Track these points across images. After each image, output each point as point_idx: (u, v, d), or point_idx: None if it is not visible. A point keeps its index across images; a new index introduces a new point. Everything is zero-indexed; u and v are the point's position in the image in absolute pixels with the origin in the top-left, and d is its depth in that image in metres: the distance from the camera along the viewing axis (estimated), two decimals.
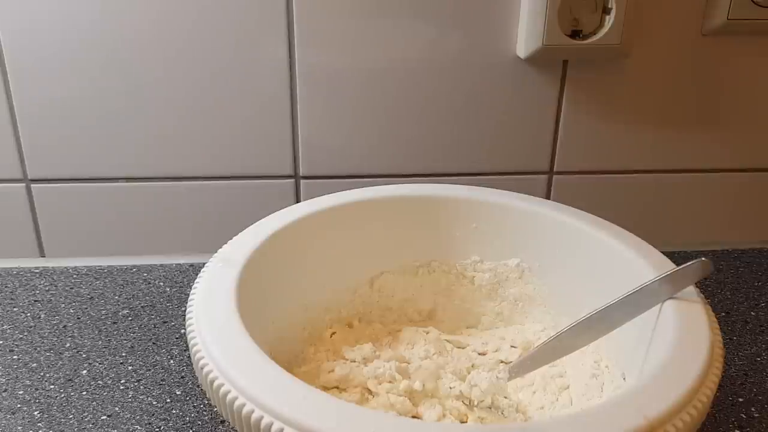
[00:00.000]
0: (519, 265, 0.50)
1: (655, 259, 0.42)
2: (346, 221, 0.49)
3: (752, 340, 0.54)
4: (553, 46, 0.56)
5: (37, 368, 0.49)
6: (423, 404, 0.42)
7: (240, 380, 0.32)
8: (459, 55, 0.58)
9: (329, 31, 0.57)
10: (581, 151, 0.63)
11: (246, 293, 0.39)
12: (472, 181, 0.63)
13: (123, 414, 0.45)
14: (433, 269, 0.51)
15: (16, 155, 0.60)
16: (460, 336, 0.50)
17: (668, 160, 0.64)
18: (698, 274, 0.39)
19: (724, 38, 0.59)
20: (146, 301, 0.57)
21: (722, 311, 0.57)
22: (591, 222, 0.46)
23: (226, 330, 0.35)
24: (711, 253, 0.66)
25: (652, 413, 0.30)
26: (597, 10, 0.56)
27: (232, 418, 0.32)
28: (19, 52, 0.56)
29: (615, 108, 0.61)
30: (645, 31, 0.58)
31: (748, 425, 0.45)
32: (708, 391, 0.32)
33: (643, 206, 0.66)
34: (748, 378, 0.49)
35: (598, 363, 0.44)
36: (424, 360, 0.45)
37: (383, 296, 0.51)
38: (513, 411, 0.43)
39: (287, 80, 0.59)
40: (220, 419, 0.45)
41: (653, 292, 0.39)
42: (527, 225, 0.49)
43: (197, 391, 0.47)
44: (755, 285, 0.61)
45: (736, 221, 0.67)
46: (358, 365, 0.44)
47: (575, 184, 0.64)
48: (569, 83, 0.60)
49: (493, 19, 0.58)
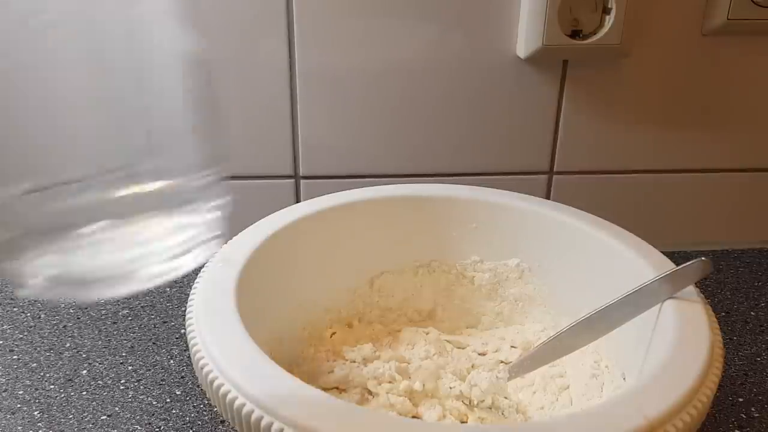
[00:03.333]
0: (519, 265, 0.50)
1: (655, 258, 0.42)
2: (346, 221, 0.49)
3: (752, 340, 0.54)
4: (553, 46, 0.56)
5: (37, 368, 0.49)
6: (423, 404, 0.42)
7: (240, 380, 0.32)
8: (459, 56, 0.58)
9: (329, 31, 0.57)
10: (581, 151, 0.63)
11: (246, 293, 0.39)
12: (472, 181, 0.63)
13: (123, 414, 0.45)
14: (433, 269, 0.51)
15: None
16: (460, 336, 0.50)
17: (669, 159, 0.64)
18: (698, 273, 0.39)
19: (724, 38, 0.59)
20: (146, 301, 0.57)
21: (722, 311, 0.57)
22: (591, 222, 0.46)
23: (226, 330, 0.35)
24: (711, 253, 0.66)
25: (652, 413, 0.30)
26: (597, 10, 0.56)
27: (231, 418, 0.32)
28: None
29: (615, 108, 0.61)
30: (645, 31, 0.58)
31: (748, 425, 0.45)
32: (708, 391, 0.32)
33: (643, 206, 0.66)
34: (748, 378, 0.49)
35: (598, 363, 0.44)
36: (424, 360, 0.45)
37: (383, 296, 0.51)
38: (513, 411, 0.43)
39: (287, 80, 0.59)
40: (220, 419, 0.45)
41: (653, 292, 0.39)
42: (527, 225, 0.49)
43: (197, 391, 0.47)
44: (755, 285, 0.61)
45: (736, 221, 0.67)
46: (358, 365, 0.44)
47: (575, 184, 0.64)
48: (569, 83, 0.60)
49: (492, 20, 0.58)
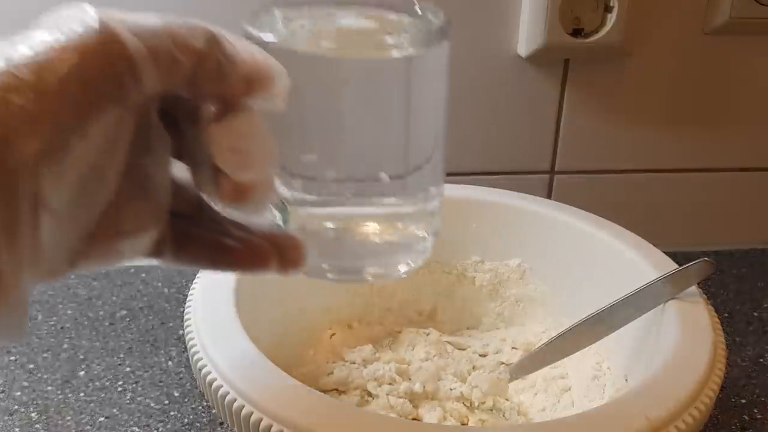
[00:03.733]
0: (520, 266, 0.49)
1: (657, 259, 0.42)
2: None
3: (755, 341, 0.53)
4: (554, 45, 0.56)
5: (35, 369, 0.48)
6: (423, 406, 0.42)
7: (238, 382, 0.31)
8: (460, 54, 0.58)
9: None
10: (583, 150, 0.63)
11: (245, 294, 0.38)
12: (473, 180, 0.63)
13: (121, 416, 0.44)
14: (433, 270, 0.51)
15: None
16: (461, 337, 0.50)
17: (671, 159, 0.64)
18: (700, 274, 0.38)
19: (726, 37, 0.59)
20: (144, 302, 0.57)
21: (725, 312, 0.57)
22: (592, 222, 0.46)
23: (224, 331, 0.35)
24: (713, 254, 0.65)
25: (654, 415, 0.30)
26: (598, 8, 0.56)
27: (230, 420, 0.31)
28: None
29: (617, 107, 0.61)
30: (647, 29, 0.58)
31: (751, 427, 0.45)
32: (710, 393, 0.32)
33: (645, 206, 0.65)
34: (751, 379, 0.49)
35: (599, 364, 0.43)
36: (425, 362, 0.45)
37: (383, 297, 0.51)
38: (514, 413, 0.43)
39: None
40: (219, 421, 0.44)
41: (655, 293, 0.38)
42: (528, 225, 0.48)
43: (196, 392, 0.47)
44: (758, 286, 0.61)
45: (738, 221, 0.67)
46: (357, 367, 0.44)
47: (576, 183, 0.64)
48: (570, 82, 0.60)
49: (494, 18, 0.57)
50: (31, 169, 0.19)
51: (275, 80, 0.24)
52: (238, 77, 0.23)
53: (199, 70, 0.22)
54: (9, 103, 0.19)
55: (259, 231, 0.28)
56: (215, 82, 0.23)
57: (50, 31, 0.20)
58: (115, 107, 0.20)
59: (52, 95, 0.19)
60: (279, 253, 0.27)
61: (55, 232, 0.20)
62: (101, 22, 0.20)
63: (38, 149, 0.19)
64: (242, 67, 0.23)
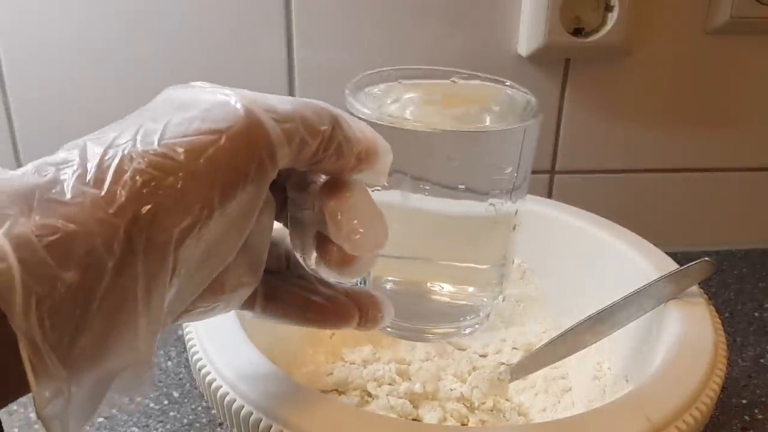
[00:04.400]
0: (520, 266, 0.49)
1: (658, 259, 0.42)
2: None
3: (756, 341, 0.53)
4: (555, 45, 0.56)
5: None
6: (423, 407, 0.41)
7: (238, 382, 0.31)
8: (460, 54, 0.58)
9: (328, 29, 0.57)
10: (583, 149, 0.63)
11: None
12: None
13: (120, 416, 0.44)
14: None
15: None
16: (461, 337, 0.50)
17: (672, 158, 0.63)
18: (701, 274, 0.38)
19: (727, 36, 0.59)
20: None
21: (726, 312, 0.57)
22: (593, 222, 0.46)
23: (224, 331, 0.35)
24: (714, 254, 0.65)
25: (655, 415, 0.30)
26: (599, 7, 0.55)
27: (230, 421, 0.31)
28: (14, 49, 0.56)
29: (617, 106, 0.61)
30: (647, 29, 0.58)
31: (752, 427, 0.44)
32: (711, 393, 0.32)
33: (645, 206, 0.65)
34: (752, 380, 0.49)
35: (600, 364, 0.43)
36: (425, 362, 0.45)
37: None
38: (514, 413, 0.43)
39: (286, 79, 0.58)
40: (218, 422, 0.44)
41: (656, 293, 0.38)
42: (528, 225, 0.48)
43: (195, 393, 0.47)
44: (759, 286, 0.61)
45: (740, 221, 0.67)
46: (357, 367, 0.44)
47: (577, 183, 0.64)
48: (571, 81, 0.60)
49: (494, 18, 0.57)
50: (177, 243, 0.20)
51: (380, 157, 0.25)
52: (352, 154, 0.25)
53: (322, 150, 0.24)
54: (161, 182, 0.20)
55: (341, 288, 0.29)
56: (334, 159, 0.24)
57: (197, 113, 0.21)
58: (254, 186, 0.22)
59: (203, 177, 0.20)
60: (360, 309, 0.29)
61: (177, 294, 0.21)
62: (246, 108, 0.22)
63: (185, 226, 0.20)
64: (357, 146, 0.25)
